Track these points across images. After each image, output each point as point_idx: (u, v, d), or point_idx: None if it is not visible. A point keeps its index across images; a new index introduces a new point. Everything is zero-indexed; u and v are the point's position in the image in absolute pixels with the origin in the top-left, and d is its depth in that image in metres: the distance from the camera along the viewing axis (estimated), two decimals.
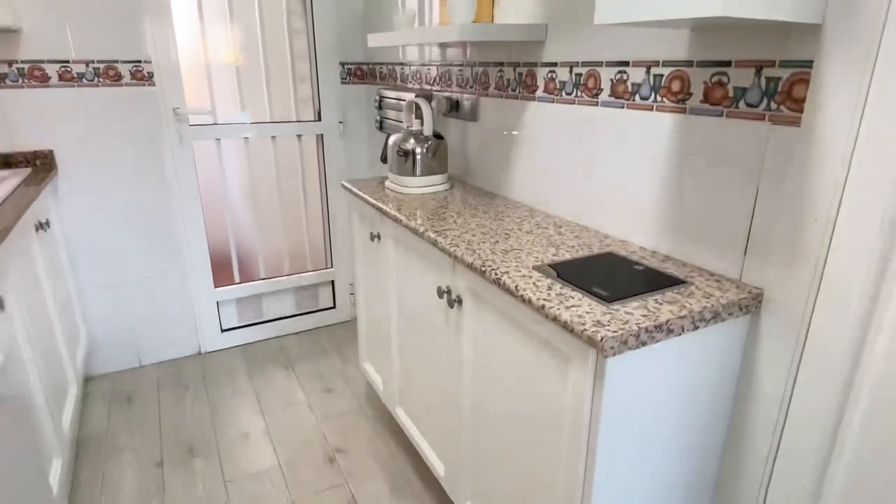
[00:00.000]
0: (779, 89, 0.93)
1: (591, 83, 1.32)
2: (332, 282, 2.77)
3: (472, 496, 1.39)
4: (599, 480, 0.94)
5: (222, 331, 2.55)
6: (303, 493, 1.70)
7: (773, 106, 0.94)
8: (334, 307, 2.81)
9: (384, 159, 2.16)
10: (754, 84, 0.97)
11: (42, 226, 1.75)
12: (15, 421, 1.20)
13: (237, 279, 2.55)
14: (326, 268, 2.75)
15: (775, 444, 1.02)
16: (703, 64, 1.05)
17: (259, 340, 2.64)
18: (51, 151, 2.04)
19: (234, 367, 2.41)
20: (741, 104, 0.99)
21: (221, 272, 2.51)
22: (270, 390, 2.24)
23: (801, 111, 0.90)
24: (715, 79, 1.03)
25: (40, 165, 2.02)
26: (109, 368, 2.35)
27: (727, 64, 1.01)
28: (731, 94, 1.01)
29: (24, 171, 1.93)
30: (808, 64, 0.88)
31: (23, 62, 1.94)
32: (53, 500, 1.40)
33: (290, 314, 2.72)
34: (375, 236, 1.73)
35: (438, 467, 1.54)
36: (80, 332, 2.14)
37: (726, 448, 1.11)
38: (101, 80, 2.06)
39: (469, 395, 1.31)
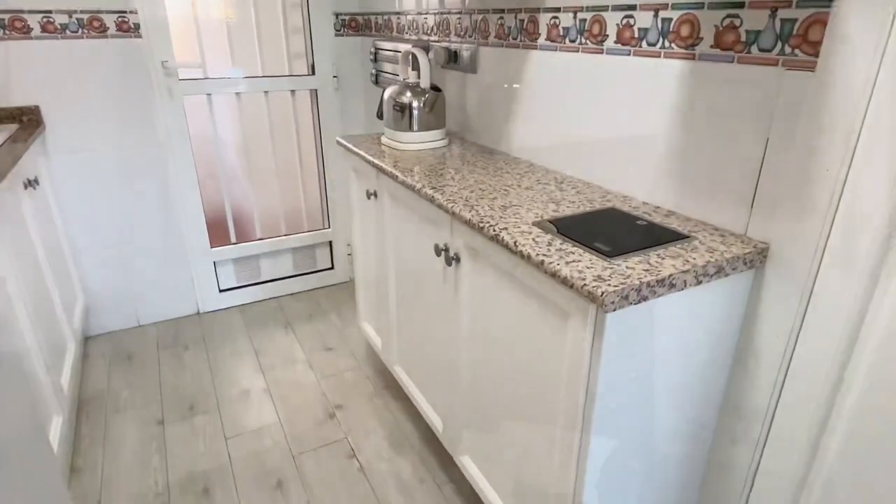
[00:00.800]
0: (794, 32, 0.88)
1: (596, 29, 1.26)
2: (330, 242, 2.74)
3: (470, 451, 1.40)
4: (596, 436, 0.93)
5: (220, 291, 2.54)
6: (303, 449, 1.71)
7: (788, 50, 0.89)
8: (332, 268, 2.79)
9: (380, 115, 2.10)
10: (768, 26, 0.91)
11: (31, 183, 1.71)
12: (10, 377, 1.19)
13: (233, 239, 2.53)
14: (324, 228, 2.72)
15: (774, 401, 1.01)
16: (715, 6, 0.99)
17: (257, 301, 2.64)
18: (37, 107, 1.98)
19: (232, 327, 2.41)
20: (753, 48, 0.94)
21: (217, 232, 2.48)
22: (270, 349, 2.24)
23: (817, 55, 0.85)
24: (727, 22, 0.97)
25: (27, 122, 1.97)
26: (108, 328, 2.35)
27: (740, 5, 0.95)
28: (743, 37, 0.95)
29: (11, 128, 1.88)
30: (827, 4, 0.83)
31: (3, 12, 1.86)
32: (54, 458, 1.41)
33: (287, 275, 2.70)
34: (372, 194, 1.69)
35: (437, 423, 1.55)
36: (77, 290, 2.13)
37: (725, 403, 1.11)
38: (86, 31, 1.98)
39: (467, 352, 1.30)
